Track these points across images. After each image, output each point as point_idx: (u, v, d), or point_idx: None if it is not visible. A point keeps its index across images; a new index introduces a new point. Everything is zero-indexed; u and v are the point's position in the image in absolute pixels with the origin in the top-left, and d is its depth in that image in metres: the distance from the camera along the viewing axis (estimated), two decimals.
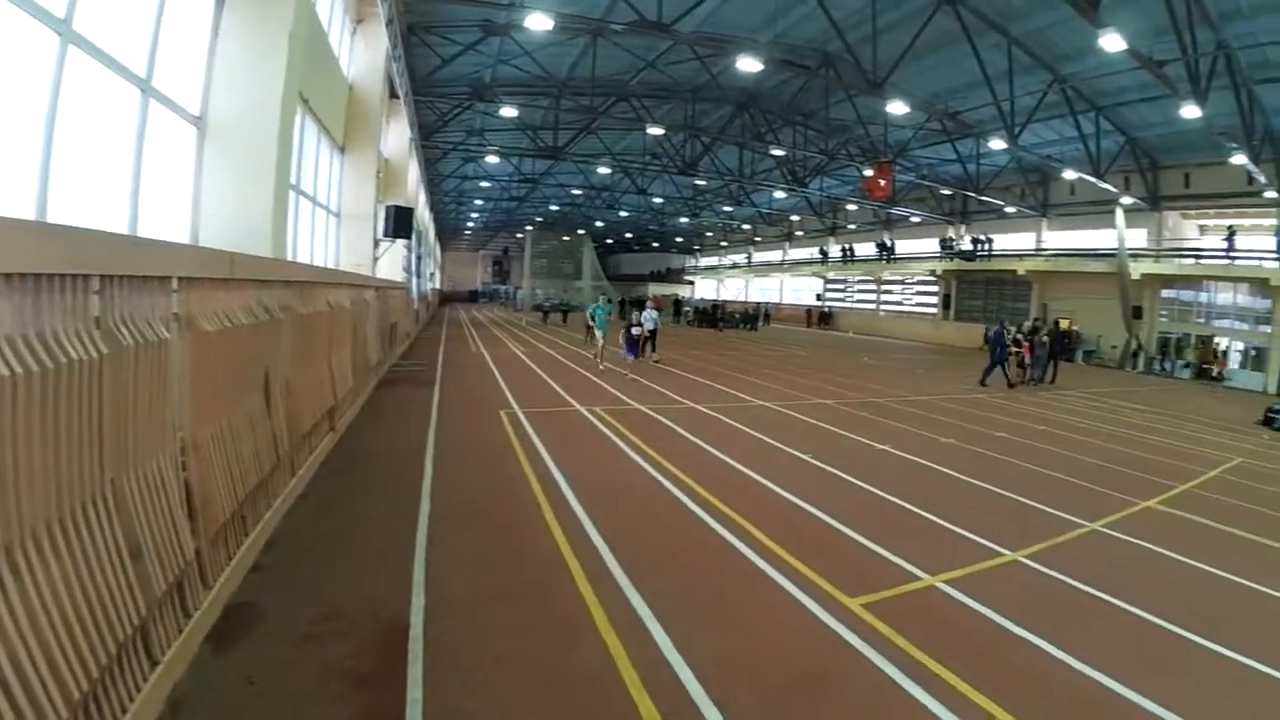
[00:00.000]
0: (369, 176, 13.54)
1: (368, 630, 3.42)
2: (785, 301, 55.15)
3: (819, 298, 50.54)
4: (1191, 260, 26.58)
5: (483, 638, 3.42)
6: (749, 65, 16.93)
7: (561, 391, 11.93)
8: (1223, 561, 5.26)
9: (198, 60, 6.00)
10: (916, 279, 41.48)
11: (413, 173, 22.39)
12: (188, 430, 3.14)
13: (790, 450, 8.15)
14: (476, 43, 19.35)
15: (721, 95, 25.73)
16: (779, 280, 57.32)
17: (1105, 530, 5.90)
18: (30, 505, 1.87)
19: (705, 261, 71.09)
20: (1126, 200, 26.44)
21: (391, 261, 16.92)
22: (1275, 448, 11.54)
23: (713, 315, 41.15)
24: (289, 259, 7.66)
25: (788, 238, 54.58)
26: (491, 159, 32.30)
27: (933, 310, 39.71)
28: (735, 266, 63.75)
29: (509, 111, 23.46)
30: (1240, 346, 25.01)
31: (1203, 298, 26.33)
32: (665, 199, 44.19)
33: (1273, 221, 23.56)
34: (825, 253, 47.64)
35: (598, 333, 15.99)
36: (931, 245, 39.08)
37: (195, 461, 3.18)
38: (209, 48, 6.06)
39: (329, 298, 6.85)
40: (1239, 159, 19.97)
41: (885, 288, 44.64)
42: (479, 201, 50.23)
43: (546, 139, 27.09)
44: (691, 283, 70.56)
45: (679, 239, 69.35)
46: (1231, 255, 24.79)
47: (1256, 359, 24.00)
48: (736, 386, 13.88)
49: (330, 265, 11.87)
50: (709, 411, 10.61)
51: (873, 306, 45.59)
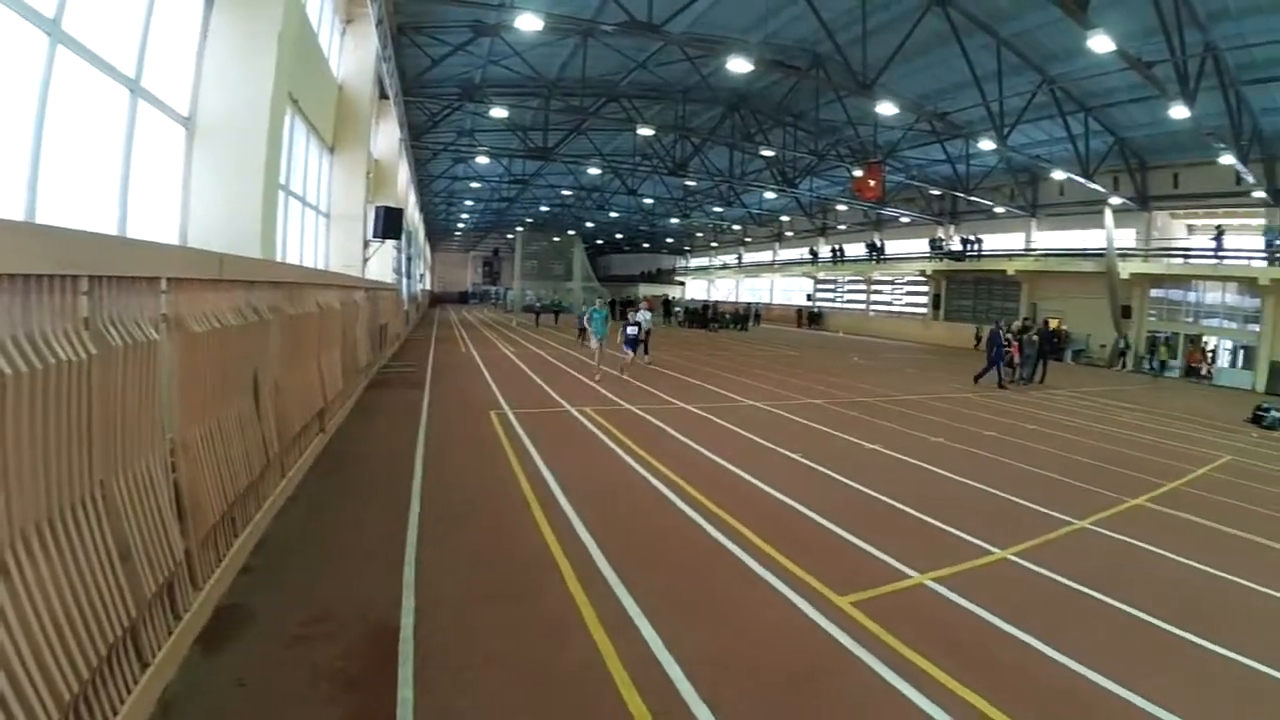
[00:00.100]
0: (359, 177, 13.49)
1: (358, 631, 3.42)
2: (776, 302, 55.30)
3: (809, 298, 50.69)
4: (1180, 260, 26.78)
5: (473, 638, 3.42)
6: (739, 66, 16.97)
7: (552, 392, 11.92)
8: (1212, 558, 5.30)
9: (187, 60, 5.97)
10: (906, 279, 41.67)
11: (403, 173, 22.32)
12: (177, 431, 3.13)
13: (780, 450, 8.17)
14: (466, 43, 19.32)
15: (712, 96, 25.77)
16: (769, 281, 57.45)
17: (1094, 528, 5.94)
18: (20, 506, 1.86)
19: (696, 262, 71.13)
20: (1115, 200, 26.63)
21: (381, 262, 16.87)
22: (1264, 445, 11.65)
23: (703, 315, 41.19)
24: (278, 260, 7.64)
25: (778, 238, 54.74)
26: (482, 160, 32.24)
27: (922, 310, 39.90)
28: (726, 267, 63.84)
29: (499, 112, 23.50)
30: (1229, 345, 25.24)
31: (1191, 297, 26.54)
32: (655, 200, 44.25)
33: (1261, 221, 23.81)
34: (815, 253, 47.82)
35: (594, 339, 14.81)
36: (921, 245, 39.32)
37: (185, 463, 3.17)
38: (198, 48, 6.03)
39: (318, 299, 6.82)
40: (1227, 159, 20.08)
41: (875, 288, 44.80)
42: (469, 202, 50.14)
43: (537, 140, 27.04)
44: (682, 283, 70.60)
45: (669, 240, 69.37)
46: (1220, 255, 25.00)
47: (1245, 357, 24.23)
48: (727, 386, 13.92)
49: (320, 266, 11.82)
50: (699, 411, 10.64)
51: (863, 307, 45.75)
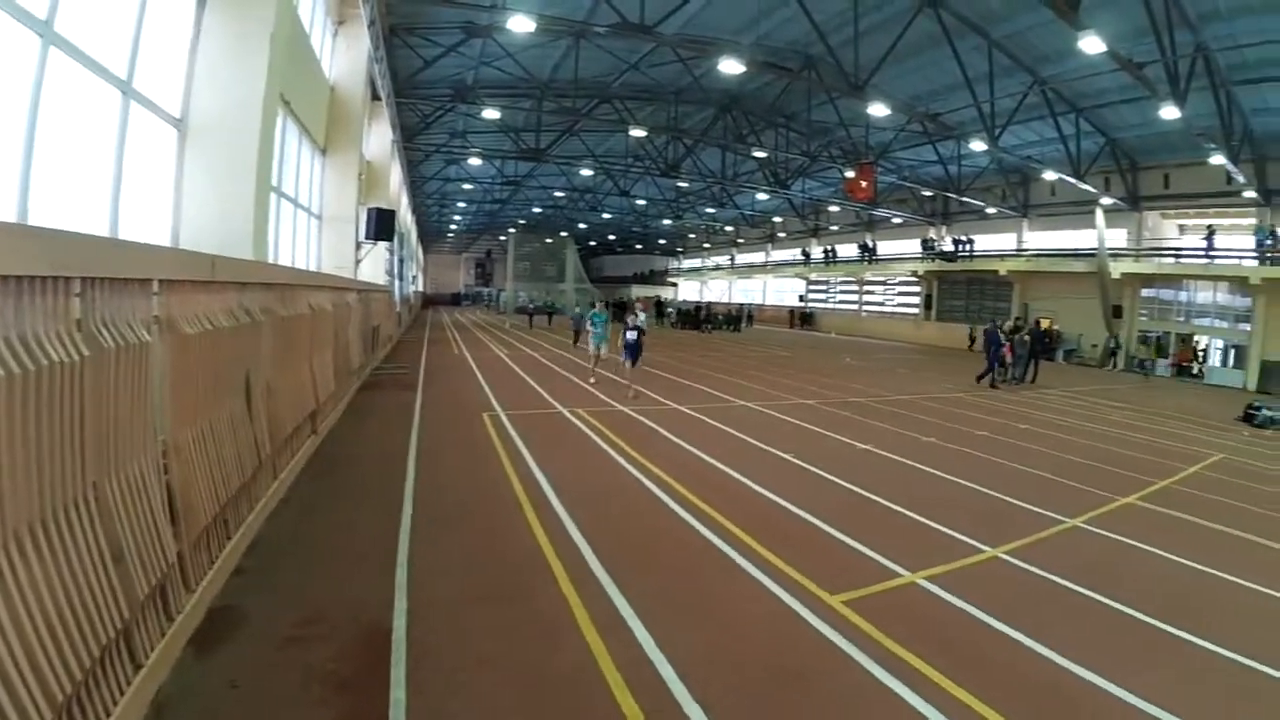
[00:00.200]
0: (351, 179, 13.46)
1: (350, 633, 3.41)
2: (768, 303, 55.43)
3: (802, 299, 50.83)
4: (1171, 259, 26.95)
5: (466, 639, 3.42)
6: (731, 67, 17.03)
7: (544, 394, 11.91)
8: (1203, 556, 5.34)
9: (179, 62, 5.96)
10: (898, 280, 41.84)
11: (395, 175, 22.29)
12: (169, 433, 3.13)
13: (773, 450, 8.20)
14: (459, 44, 19.33)
15: (704, 97, 25.84)
16: (762, 282, 57.58)
17: (1086, 526, 5.98)
18: (13, 507, 1.87)
19: (688, 263, 71.24)
20: (1106, 200, 26.80)
21: (374, 264, 16.84)
22: (1255, 444, 11.76)
23: (696, 317, 41.22)
24: (270, 261, 7.62)
25: (770, 239, 54.87)
26: (474, 161, 32.24)
27: (914, 311, 40.08)
28: (718, 268, 63.97)
29: (491, 113, 23.49)
30: (1220, 344, 25.41)
31: (1182, 296, 26.72)
32: (648, 201, 44.27)
33: (1251, 221, 23.97)
34: (808, 254, 47.96)
35: (593, 343, 13.96)
36: (913, 246, 39.51)
37: (177, 464, 3.16)
38: (190, 49, 6.02)
39: (310, 300, 6.81)
40: (1218, 159, 20.19)
41: (867, 288, 44.99)
42: (462, 204, 50.05)
43: (529, 141, 27.06)
44: (675, 284, 70.69)
45: (662, 241, 69.45)
46: (1211, 254, 25.17)
47: (1236, 356, 24.41)
48: (719, 387, 13.95)
49: (312, 268, 11.79)
50: (691, 412, 10.66)
51: (855, 307, 45.91)
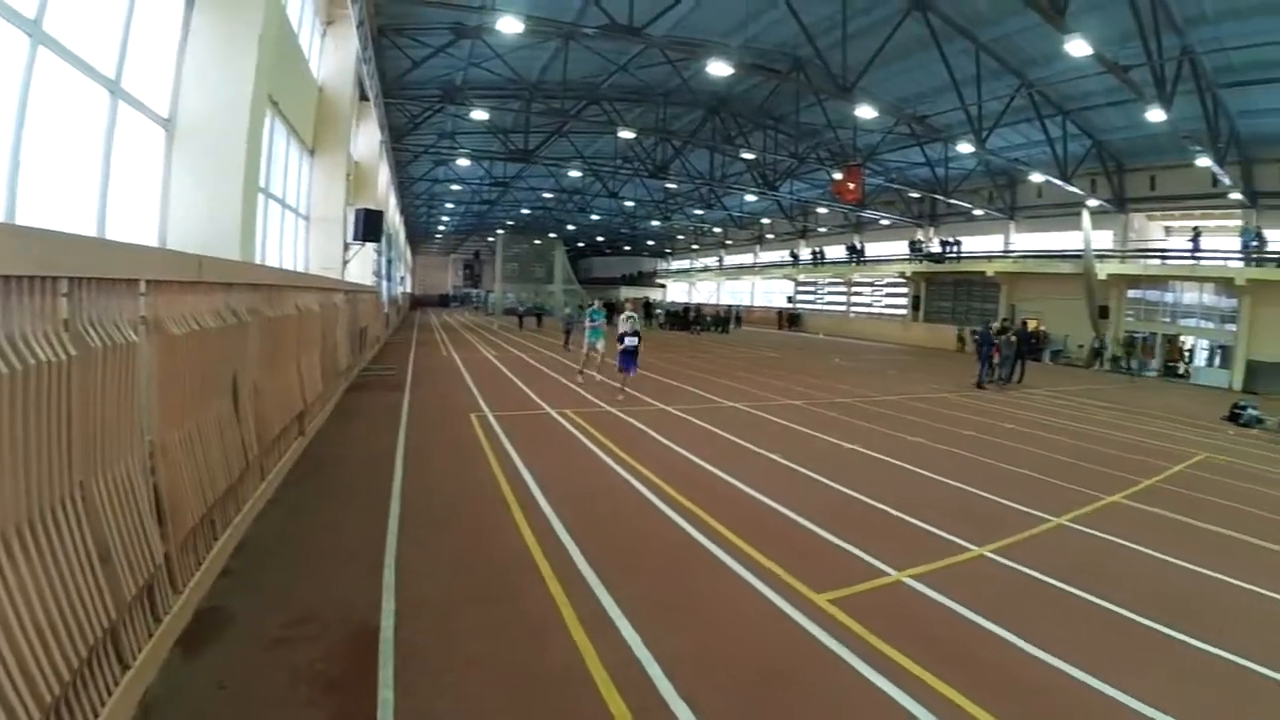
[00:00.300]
0: (339, 179, 13.40)
1: (338, 634, 3.41)
2: (756, 304, 55.60)
3: (790, 300, 51.02)
4: (1157, 261, 27.23)
5: (453, 639, 3.42)
6: (720, 69, 17.09)
7: (532, 395, 11.90)
8: (1188, 554, 5.39)
9: (167, 62, 5.93)
10: (886, 281, 42.10)
11: (383, 176, 22.18)
12: (156, 434, 3.12)
13: (760, 451, 8.24)
14: (447, 45, 19.29)
15: (693, 99, 25.93)
16: (750, 283, 57.72)
17: (1071, 525, 6.03)
18: (0, 507, 1.87)
19: (677, 264, 71.34)
20: (1093, 202, 27.07)
21: (361, 265, 16.76)
22: (1240, 443, 11.89)
23: (685, 318, 41.26)
24: (258, 262, 7.58)
25: (758, 241, 55.06)
26: (463, 162, 32.16)
27: (902, 312, 40.32)
28: (707, 269, 64.10)
29: (480, 114, 23.46)
30: (1205, 345, 25.68)
31: (1168, 297, 26.97)
32: (637, 202, 44.35)
33: (1237, 222, 24.27)
34: (796, 255, 48.20)
35: (589, 338, 13.82)
36: (901, 248, 39.81)
37: (164, 465, 3.16)
38: (178, 49, 5.99)
39: (298, 301, 6.78)
40: (1204, 161, 20.38)
41: (855, 290, 45.20)
42: (450, 205, 49.90)
43: (518, 142, 27.01)
44: (663, 286, 70.75)
45: (650, 242, 69.55)
46: (1197, 256, 25.43)
47: (1223, 356, 24.68)
48: (707, 388, 13.98)
49: (299, 269, 11.73)
50: (679, 413, 10.68)
51: (843, 308, 46.16)
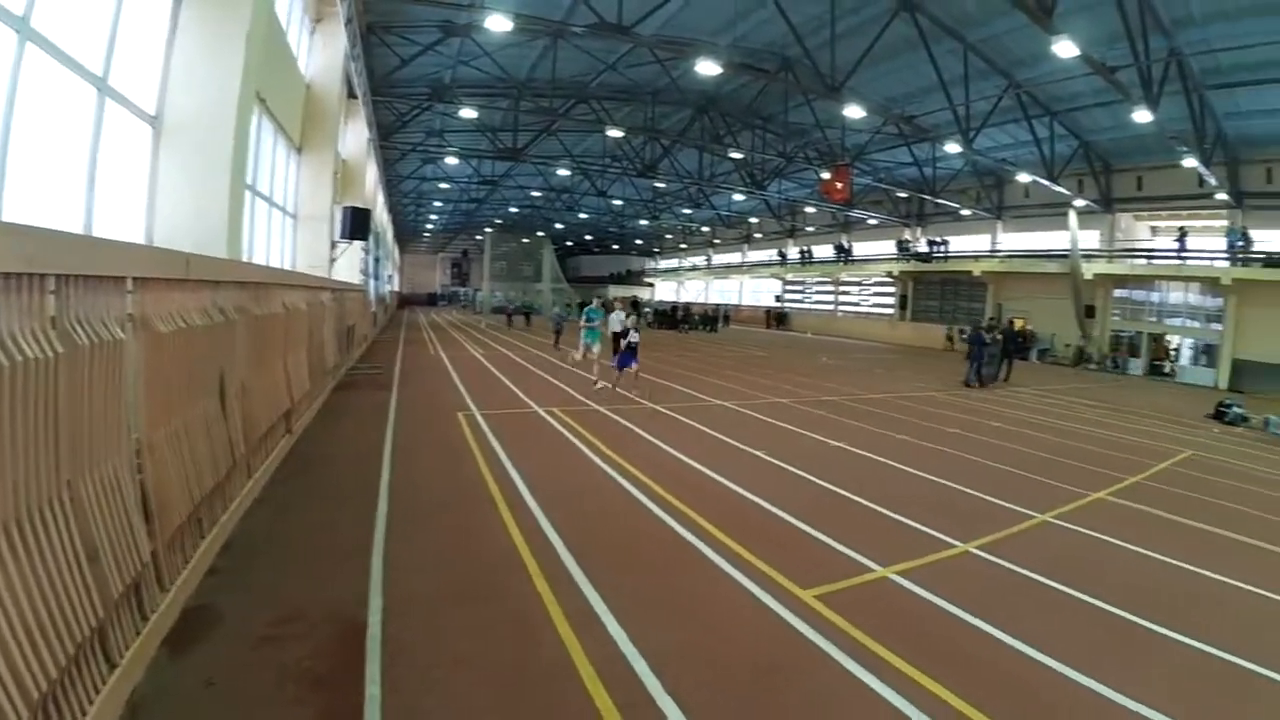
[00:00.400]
0: (326, 177, 13.31)
1: (326, 632, 3.41)
2: (745, 303, 55.73)
3: (778, 299, 51.19)
4: (1144, 261, 27.48)
5: (441, 637, 3.43)
6: (708, 69, 17.08)
7: (520, 393, 11.89)
8: (1172, 550, 5.47)
9: (154, 59, 5.89)
10: (874, 280, 42.33)
11: (371, 174, 22.06)
12: (143, 432, 3.11)
13: (747, 449, 8.28)
14: (436, 43, 19.19)
15: (681, 98, 25.93)
16: (738, 282, 57.87)
17: (1056, 521, 6.09)
18: None
19: (665, 264, 71.35)
20: (1080, 202, 27.29)
21: (349, 263, 16.67)
22: (1225, 441, 12.06)
23: (673, 317, 41.30)
24: (245, 260, 7.54)
25: (747, 240, 55.19)
26: (451, 160, 31.98)
27: (890, 311, 40.54)
28: (695, 269, 64.16)
29: (468, 113, 23.35)
30: (1191, 344, 25.95)
31: (1155, 297, 27.19)
32: (625, 201, 44.31)
33: (1223, 223, 24.52)
34: (784, 255, 48.34)
35: (585, 338, 13.69)
36: (888, 247, 39.99)
37: (151, 464, 3.14)
38: (166, 46, 5.95)
39: (285, 299, 6.76)
40: (1190, 162, 20.51)
41: (843, 289, 45.42)
42: (438, 203, 49.70)
43: (506, 140, 26.93)
44: (651, 285, 70.79)
45: (638, 241, 69.54)
46: (1183, 256, 25.66)
47: (1208, 355, 24.95)
48: (695, 387, 14.01)
49: (286, 267, 11.65)
50: (667, 412, 10.71)
51: (831, 308, 46.34)
